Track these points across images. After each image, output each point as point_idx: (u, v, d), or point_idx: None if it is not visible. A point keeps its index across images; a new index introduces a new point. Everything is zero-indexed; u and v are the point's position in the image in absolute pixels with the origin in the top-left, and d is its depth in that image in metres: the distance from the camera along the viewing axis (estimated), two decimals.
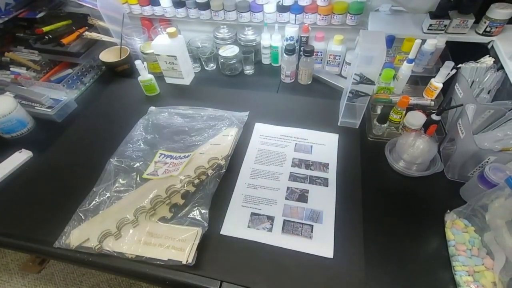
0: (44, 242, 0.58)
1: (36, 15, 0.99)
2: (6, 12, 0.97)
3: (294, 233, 0.58)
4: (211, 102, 0.85)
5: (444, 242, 0.55)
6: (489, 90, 0.71)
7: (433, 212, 0.59)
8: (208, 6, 0.95)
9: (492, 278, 0.48)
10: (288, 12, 0.91)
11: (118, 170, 0.68)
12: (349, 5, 0.86)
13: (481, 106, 0.63)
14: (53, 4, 1.06)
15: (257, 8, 0.92)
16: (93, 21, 0.97)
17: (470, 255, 0.51)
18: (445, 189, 0.64)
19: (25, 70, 0.99)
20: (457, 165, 0.63)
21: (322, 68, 0.96)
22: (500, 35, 0.77)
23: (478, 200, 0.53)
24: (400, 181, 0.66)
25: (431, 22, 0.77)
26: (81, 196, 0.64)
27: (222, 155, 0.70)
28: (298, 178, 0.67)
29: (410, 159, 0.64)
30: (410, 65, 0.74)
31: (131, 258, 0.54)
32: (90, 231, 0.57)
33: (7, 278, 1.29)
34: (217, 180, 0.66)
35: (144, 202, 0.61)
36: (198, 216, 0.60)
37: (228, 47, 0.94)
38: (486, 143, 0.61)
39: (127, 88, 0.94)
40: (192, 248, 0.54)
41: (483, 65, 0.72)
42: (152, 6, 1.00)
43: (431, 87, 0.75)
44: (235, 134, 0.75)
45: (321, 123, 0.79)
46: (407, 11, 0.86)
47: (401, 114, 0.70)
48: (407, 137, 0.66)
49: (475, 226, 0.54)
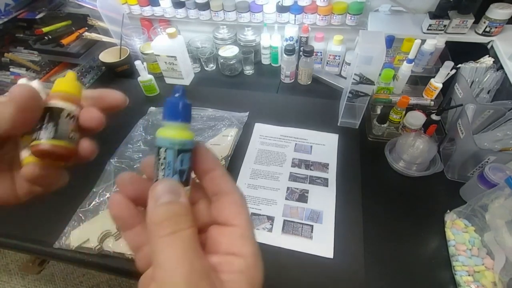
0: (44, 243, 0.58)
1: (36, 16, 0.98)
2: (6, 13, 0.97)
3: (294, 233, 0.58)
4: (211, 102, 0.85)
5: (444, 242, 0.56)
6: (489, 90, 0.71)
7: (433, 212, 0.59)
8: (207, 7, 0.95)
9: (492, 278, 0.48)
10: (288, 13, 0.91)
11: (118, 170, 0.68)
12: (348, 5, 0.86)
13: (481, 106, 0.63)
14: (52, 5, 1.06)
15: (257, 9, 0.92)
16: (92, 21, 0.97)
17: (470, 255, 0.51)
18: (445, 189, 0.64)
19: (24, 70, 0.99)
20: (457, 165, 0.63)
21: (322, 68, 0.97)
22: (500, 35, 0.77)
23: (478, 200, 0.53)
24: (400, 181, 0.66)
25: (431, 22, 0.77)
26: (81, 196, 0.64)
27: (222, 156, 0.70)
28: (298, 178, 0.67)
29: (410, 159, 0.64)
30: (409, 65, 0.75)
31: (131, 258, 0.54)
32: (90, 231, 0.57)
33: (7, 278, 1.29)
34: None
35: None
36: None
37: (227, 48, 0.94)
38: (486, 143, 0.61)
39: (127, 88, 0.94)
40: None
41: (482, 65, 0.72)
42: (152, 7, 1.00)
43: (430, 87, 0.75)
44: (235, 135, 0.75)
45: (321, 123, 0.79)
46: (406, 11, 0.87)
47: (401, 114, 0.71)
48: (407, 137, 0.66)
49: (475, 226, 0.54)
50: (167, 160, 0.19)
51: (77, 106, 0.23)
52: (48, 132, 0.22)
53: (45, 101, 0.22)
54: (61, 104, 0.22)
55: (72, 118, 0.23)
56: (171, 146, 0.19)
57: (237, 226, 0.19)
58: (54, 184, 0.24)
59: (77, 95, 0.23)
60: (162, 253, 0.16)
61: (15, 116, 0.20)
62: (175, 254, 0.16)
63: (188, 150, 0.20)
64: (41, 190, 0.24)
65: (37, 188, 0.24)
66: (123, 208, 0.20)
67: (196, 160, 0.21)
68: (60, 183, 0.24)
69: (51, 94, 0.23)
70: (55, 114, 0.22)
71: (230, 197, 0.20)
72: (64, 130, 0.22)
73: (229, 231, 0.19)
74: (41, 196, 0.26)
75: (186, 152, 0.20)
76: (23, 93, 0.20)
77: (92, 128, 0.23)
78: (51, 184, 0.24)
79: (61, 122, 0.22)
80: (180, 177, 0.19)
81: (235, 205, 0.20)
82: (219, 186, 0.21)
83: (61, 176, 0.24)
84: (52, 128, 0.22)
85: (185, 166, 0.20)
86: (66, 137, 0.22)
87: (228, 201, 0.20)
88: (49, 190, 0.24)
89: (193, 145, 0.20)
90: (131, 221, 0.20)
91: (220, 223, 0.20)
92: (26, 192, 0.24)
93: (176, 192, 0.18)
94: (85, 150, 0.23)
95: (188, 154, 0.20)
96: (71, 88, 0.23)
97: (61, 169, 0.24)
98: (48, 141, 0.21)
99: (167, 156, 0.19)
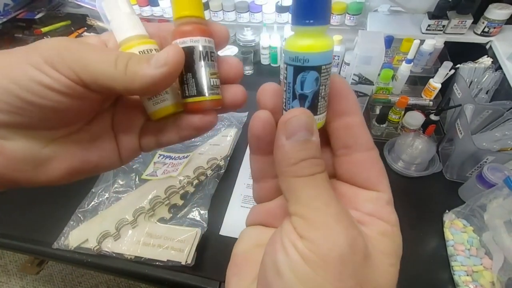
0: (42, 243, 0.58)
1: (35, 16, 0.98)
2: (5, 13, 0.97)
3: None
4: None
5: (442, 242, 0.56)
6: (488, 90, 0.71)
7: (432, 212, 0.60)
8: (207, 7, 0.95)
9: (490, 278, 0.48)
10: (287, 13, 0.91)
11: (117, 170, 0.68)
12: (347, 5, 0.86)
13: (480, 106, 0.63)
14: (51, 5, 1.06)
15: (256, 9, 0.92)
16: (92, 21, 0.97)
17: (469, 255, 0.52)
18: (443, 189, 0.64)
19: None
20: (455, 165, 0.63)
21: None
22: (498, 35, 0.77)
23: (476, 200, 0.53)
24: (398, 181, 0.66)
25: (430, 23, 0.77)
26: (80, 196, 0.63)
27: (221, 156, 0.70)
28: None
29: (409, 159, 0.64)
30: (408, 65, 0.75)
31: (130, 259, 0.54)
32: (89, 232, 0.57)
33: (6, 279, 1.28)
34: (216, 180, 0.66)
35: (143, 202, 0.61)
36: (197, 217, 0.59)
37: (227, 48, 0.94)
38: (485, 143, 0.61)
39: None
40: (191, 248, 0.54)
41: (481, 65, 0.72)
42: (151, 7, 1.00)
43: (429, 87, 0.75)
44: (234, 135, 0.75)
45: None
46: (405, 11, 0.87)
47: (400, 114, 0.71)
48: (406, 137, 0.66)
49: (473, 226, 0.55)
50: (287, 81, 0.16)
51: (209, 37, 0.18)
52: (189, 88, 0.18)
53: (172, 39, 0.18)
54: (189, 42, 0.18)
55: (207, 56, 0.18)
56: (288, 61, 0.15)
57: (383, 192, 0.17)
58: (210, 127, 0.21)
59: (203, 18, 0.18)
60: (303, 191, 0.15)
61: (162, 82, 0.17)
62: (320, 195, 0.15)
63: (313, 68, 0.15)
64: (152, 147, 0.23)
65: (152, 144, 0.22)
66: (266, 127, 0.18)
67: (330, 94, 0.17)
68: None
69: (174, 30, 0.18)
70: (188, 59, 0.18)
71: (370, 154, 0.17)
72: (203, 79, 0.18)
73: (373, 196, 0.17)
74: (41, 196, 0.26)
75: (308, 71, 0.15)
76: (178, 59, 0.17)
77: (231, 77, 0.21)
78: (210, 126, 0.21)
79: (197, 69, 0.18)
80: (301, 103, 0.16)
81: (378, 166, 0.17)
82: (355, 138, 0.17)
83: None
84: (191, 80, 0.18)
85: (307, 90, 0.15)
86: (208, 88, 0.19)
87: (369, 159, 0.17)
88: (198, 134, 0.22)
89: (324, 61, 0.15)
90: (268, 147, 0.18)
91: (356, 183, 0.17)
92: (131, 153, 0.22)
93: (310, 128, 0.16)
94: (236, 97, 0.21)
95: (312, 74, 0.15)
96: (195, 10, 0.18)
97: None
98: (196, 100, 0.18)
99: (287, 74, 0.16)
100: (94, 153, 0.21)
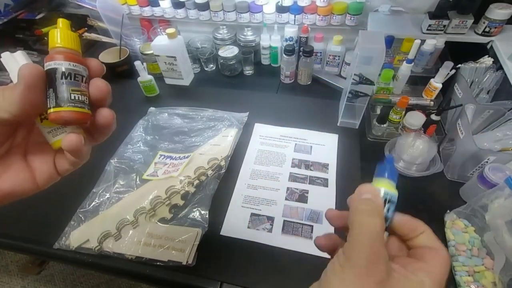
0: (43, 243, 0.58)
1: (35, 16, 0.99)
2: (5, 14, 0.97)
3: (294, 233, 0.58)
4: (210, 102, 0.85)
5: (444, 242, 0.55)
6: (488, 90, 0.71)
7: (433, 212, 0.59)
8: (207, 7, 0.95)
9: (492, 278, 0.48)
10: (288, 13, 0.91)
11: (118, 171, 0.68)
12: (348, 5, 0.86)
13: (481, 106, 0.63)
14: (52, 5, 1.06)
15: (257, 9, 0.92)
16: (92, 22, 0.97)
17: (470, 255, 0.51)
18: (445, 189, 0.64)
19: None
20: (456, 165, 0.63)
21: (322, 68, 0.97)
22: (499, 35, 0.77)
23: (478, 200, 0.53)
24: (399, 181, 0.66)
25: (430, 23, 0.77)
26: (80, 197, 0.64)
27: (222, 156, 0.70)
28: (298, 178, 0.67)
29: (410, 159, 0.64)
30: (409, 65, 0.75)
31: (131, 259, 0.54)
32: (90, 232, 0.57)
33: (7, 279, 1.28)
34: (217, 180, 0.66)
35: (144, 203, 0.61)
36: (198, 217, 0.59)
37: (227, 48, 0.94)
38: (486, 143, 0.61)
39: (127, 89, 0.94)
40: (192, 249, 0.54)
41: (482, 65, 0.72)
42: (152, 7, 1.00)
43: (430, 87, 0.75)
44: (234, 135, 0.75)
45: (321, 123, 0.79)
46: (406, 11, 0.87)
47: (401, 114, 0.71)
48: (407, 137, 0.66)
49: (475, 226, 0.54)
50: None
51: (74, 62, 0.21)
52: (50, 101, 0.21)
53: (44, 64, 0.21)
54: (53, 64, 0.21)
55: (69, 76, 0.21)
56: (384, 195, 0.23)
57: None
58: (86, 156, 0.25)
59: (73, 48, 0.22)
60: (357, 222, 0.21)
61: (24, 97, 0.19)
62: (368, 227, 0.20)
63: (394, 203, 0.23)
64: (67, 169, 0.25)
65: (66, 166, 0.25)
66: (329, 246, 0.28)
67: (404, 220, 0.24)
68: (87, 155, 0.25)
69: (48, 55, 0.21)
70: (51, 77, 0.21)
71: (439, 252, 0.22)
72: (63, 93, 0.21)
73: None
74: (43, 196, 0.26)
75: (392, 204, 0.23)
76: (31, 71, 0.20)
77: (97, 98, 0.23)
78: (84, 156, 0.24)
79: (58, 85, 0.21)
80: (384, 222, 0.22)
81: (443, 260, 0.22)
82: (428, 243, 0.23)
83: (89, 149, 0.25)
84: (52, 94, 0.21)
85: (389, 215, 0.23)
86: (67, 100, 0.21)
87: (437, 257, 0.22)
88: (79, 164, 0.25)
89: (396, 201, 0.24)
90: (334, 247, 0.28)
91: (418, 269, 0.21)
92: (47, 177, 0.25)
93: (375, 195, 0.22)
94: (103, 118, 0.24)
95: (393, 206, 0.23)
96: (65, 42, 0.21)
97: (88, 142, 0.25)
98: (54, 110, 0.21)
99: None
100: (6, 182, 0.23)
